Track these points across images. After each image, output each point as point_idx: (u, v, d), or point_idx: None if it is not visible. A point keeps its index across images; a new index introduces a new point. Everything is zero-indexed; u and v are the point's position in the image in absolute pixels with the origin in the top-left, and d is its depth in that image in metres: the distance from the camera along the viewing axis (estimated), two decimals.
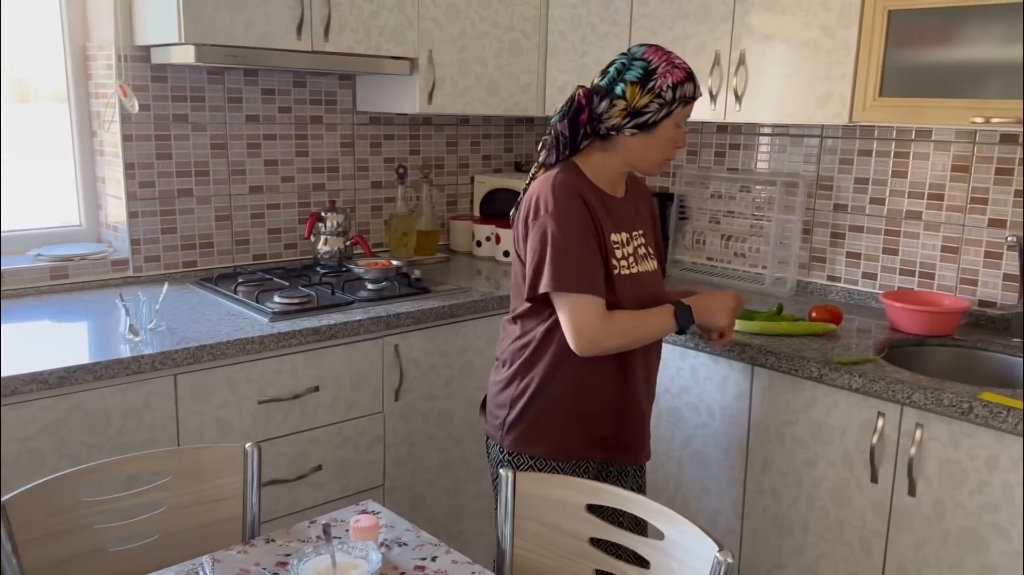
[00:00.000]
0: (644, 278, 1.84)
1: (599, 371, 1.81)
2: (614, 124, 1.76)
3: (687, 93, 1.75)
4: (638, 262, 1.84)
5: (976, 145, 2.37)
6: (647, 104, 1.73)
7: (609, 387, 1.84)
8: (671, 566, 1.42)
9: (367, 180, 3.06)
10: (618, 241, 1.80)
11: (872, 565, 2.01)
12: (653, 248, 1.92)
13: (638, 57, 1.75)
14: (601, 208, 1.78)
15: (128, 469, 1.62)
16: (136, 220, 2.59)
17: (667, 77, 1.73)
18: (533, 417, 1.83)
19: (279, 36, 2.38)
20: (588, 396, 1.82)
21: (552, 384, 1.82)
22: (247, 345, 2.09)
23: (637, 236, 1.87)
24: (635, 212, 1.89)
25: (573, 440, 1.84)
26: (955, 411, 1.81)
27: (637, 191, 1.94)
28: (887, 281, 2.59)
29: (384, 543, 1.51)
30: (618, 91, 1.74)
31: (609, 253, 1.77)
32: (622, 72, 1.74)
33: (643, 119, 1.74)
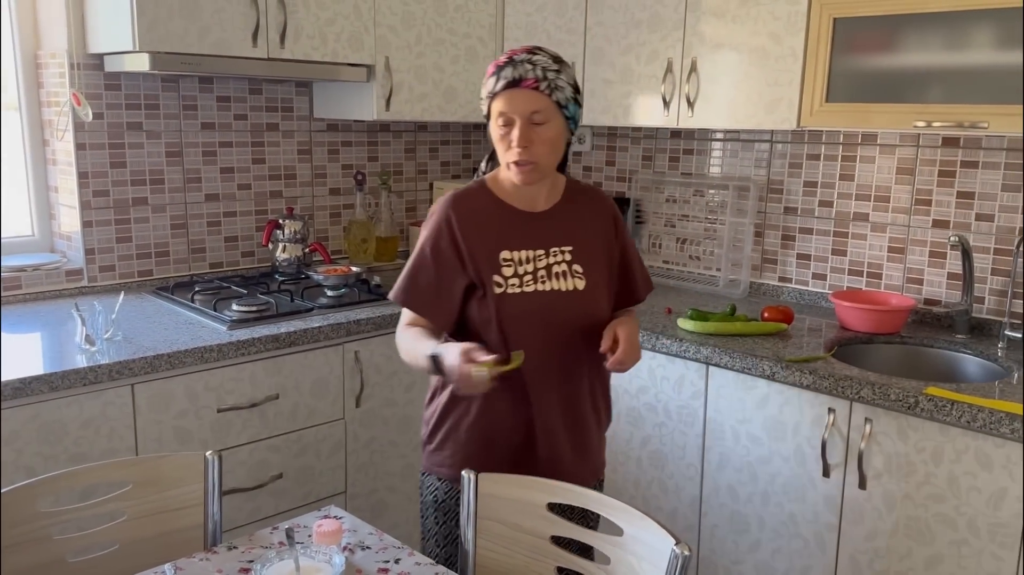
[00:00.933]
0: (549, 297, 1.66)
1: (502, 395, 1.66)
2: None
3: (490, 88, 1.63)
4: (548, 280, 1.67)
5: (919, 148, 2.46)
6: (484, 107, 1.67)
7: (512, 413, 1.69)
8: (630, 561, 1.46)
9: (325, 187, 3.06)
10: (511, 258, 1.66)
11: (826, 558, 2.06)
12: (594, 266, 1.72)
13: None
14: (495, 224, 1.68)
15: (88, 479, 1.60)
16: (90, 229, 2.56)
17: (488, 73, 1.65)
18: (442, 438, 1.75)
19: (235, 43, 2.38)
20: (491, 420, 1.70)
21: (454, 405, 1.72)
22: (205, 353, 2.08)
23: (557, 253, 1.70)
24: (564, 227, 1.72)
25: (474, 465, 1.67)
26: (902, 406, 1.87)
27: (588, 206, 1.76)
28: (836, 281, 2.66)
29: (348, 547, 1.52)
30: None
31: (491, 270, 1.65)
32: None
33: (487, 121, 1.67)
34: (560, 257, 1.71)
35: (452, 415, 1.74)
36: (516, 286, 1.66)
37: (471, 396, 1.68)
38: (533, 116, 1.60)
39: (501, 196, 1.72)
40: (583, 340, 1.69)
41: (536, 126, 1.61)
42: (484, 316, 1.66)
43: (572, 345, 1.69)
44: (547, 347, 1.67)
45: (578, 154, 3.29)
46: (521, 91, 1.60)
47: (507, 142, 1.63)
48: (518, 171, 1.64)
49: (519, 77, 1.59)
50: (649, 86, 2.62)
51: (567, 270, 1.70)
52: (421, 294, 1.70)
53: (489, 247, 1.67)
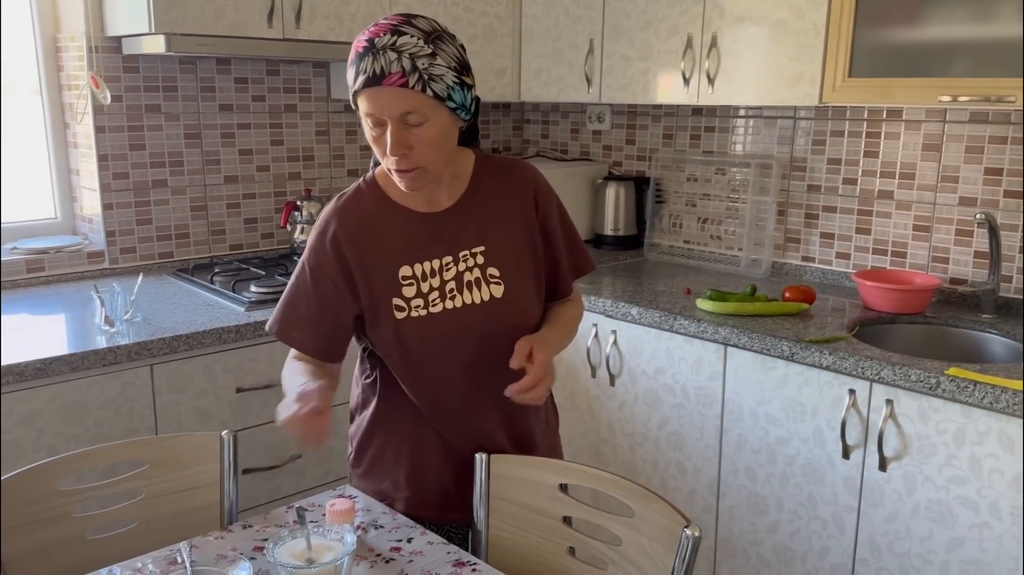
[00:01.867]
0: (461, 315, 1.43)
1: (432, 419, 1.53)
2: None
3: (350, 82, 1.33)
4: (459, 293, 1.44)
5: (946, 124, 2.40)
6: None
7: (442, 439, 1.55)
8: (641, 542, 1.45)
9: (343, 168, 3.06)
10: (412, 275, 1.43)
11: (845, 540, 2.04)
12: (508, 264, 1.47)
13: None
14: (391, 235, 1.43)
15: (105, 458, 1.63)
16: (111, 212, 2.58)
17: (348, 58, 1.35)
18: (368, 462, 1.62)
19: (250, 24, 2.37)
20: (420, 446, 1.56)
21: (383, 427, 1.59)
22: (223, 334, 2.09)
23: (467, 258, 1.45)
24: (471, 225, 1.46)
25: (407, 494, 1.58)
26: (923, 387, 1.84)
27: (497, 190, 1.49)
28: (860, 260, 2.62)
29: (360, 526, 1.53)
30: None
31: (389, 293, 1.42)
32: None
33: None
34: (471, 262, 1.45)
35: (377, 438, 1.57)
36: (421, 307, 1.42)
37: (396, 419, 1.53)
38: (406, 118, 1.30)
39: (395, 197, 1.45)
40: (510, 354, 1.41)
41: (412, 127, 1.31)
42: (385, 344, 1.45)
43: (497, 362, 1.42)
44: (469, 370, 1.46)
45: (598, 132, 3.26)
46: (386, 89, 1.27)
47: (382, 146, 1.33)
48: (401, 178, 1.36)
49: (381, 72, 1.26)
50: (668, 62, 2.58)
51: (480, 276, 1.45)
52: (300, 325, 1.45)
53: (385, 264, 1.42)
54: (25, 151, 2.63)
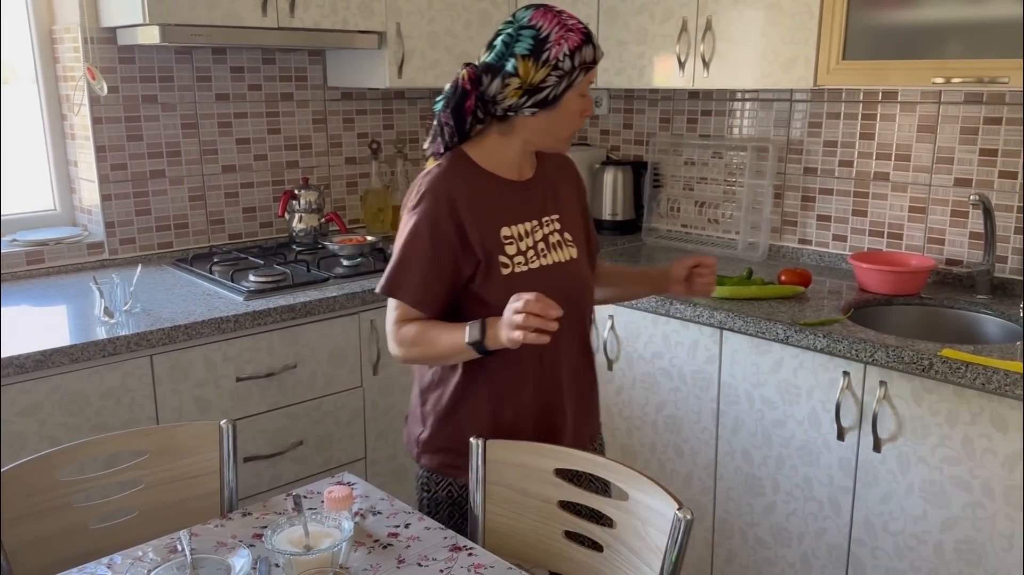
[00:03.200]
0: (554, 271, 1.61)
1: (519, 381, 1.61)
2: (511, 104, 1.52)
3: (586, 58, 1.51)
4: (546, 253, 1.61)
5: (941, 105, 2.40)
6: (544, 78, 1.49)
7: (530, 399, 1.63)
8: (635, 525, 1.47)
9: (341, 156, 3.07)
10: (512, 235, 1.58)
11: (840, 521, 2.06)
12: (575, 232, 1.68)
13: (525, 25, 1.50)
14: (492, 200, 1.58)
15: (106, 448, 1.65)
16: (110, 203, 2.59)
17: (562, 44, 1.48)
18: (449, 435, 1.65)
19: (244, 13, 2.37)
20: (507, 409, 1.63)
21: (465, 401, 1.63)
22: (222, 324, 2.11)
23: (549, 223, 1.64)
24: (548, 194, 1.66)
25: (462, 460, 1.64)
26: (916, 368, 1.85)
27: (556, 169, 1.70)
28: (857, 242, 2.62)
29: (359, 512, 1.55)
30: (509, 68, 1.49)
31: (495, 251, 1.56)
32: (510, 45, 1.50)
33: (543, 95, 1.51)
34: (553, 227, 1.64)
35: (460, 411, 1.64)
36: (522, 263, 1.58)
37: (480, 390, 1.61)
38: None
39: (486, 167, 1.59)
40: (584, 308, 1.68)
41: None
42: (489, 300, 1.54)
43: (576, 315, 1.64)
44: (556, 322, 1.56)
45: (595, 117, 3.25)
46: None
47: (581, 113, 1.56)
48: (571, 141, 1.63)
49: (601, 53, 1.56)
50: (664, 46, 2.58)
51: (560, 239, 1.64)
52: (417, 286, 1.54)
53: (490, 225, 1.56)
54: (24, 143, 2.64)
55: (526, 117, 1.54)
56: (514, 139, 1.59)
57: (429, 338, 1.54)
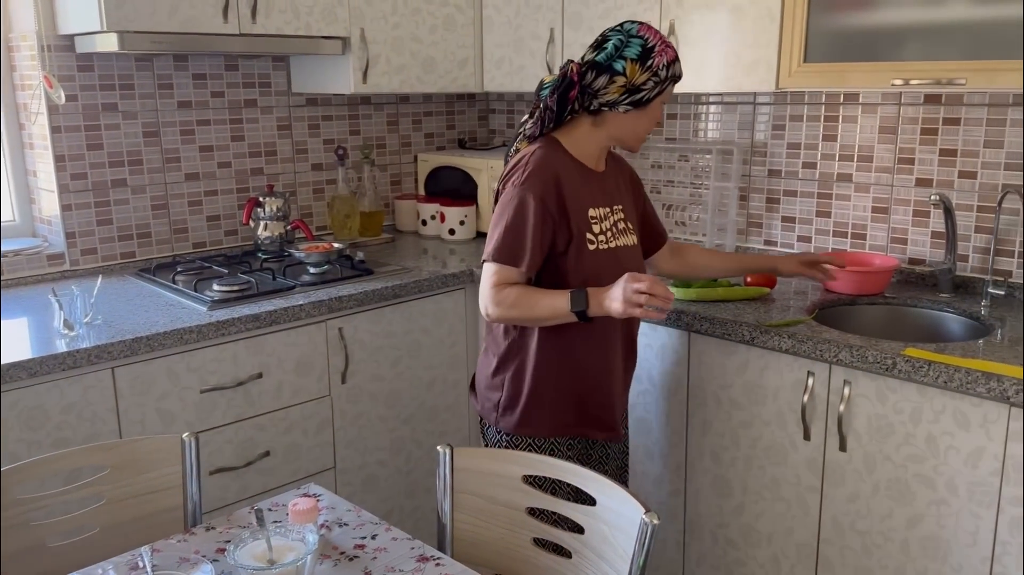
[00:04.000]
0: (623, 252, 1.87)
1: (585, 348, 1.85)
2: (610, 100, 1.77)
3: (677, 72, 1.81)
4: (617, 236, 1.87)
5: (901, 106, 2.43)
6: (645, 81, 1.76)
7: (594, 364, 1.88)
8: (603, 531, 1.47)
9: (307, 163, 3.04)
10: (596, 216, 1.83)
11: (809, 520, 2.08)
12: (634, 222, 1.96)
13: (635, 35, 1.76)
14: (581, 184, 1.82)
15: (66, 464, 1.62)
16: (70, 213, 2.55)
17: (663, 56, 1.77)
18: (528, 398, 1.86)
19: (205, 20, 2.35)
20: (576, 374, 1.87)
21: (543, 364, 1.85)
22: (185, 335, 2.08)
23: (617, 211, 1.89)
24: (616, 186, 1.93)
25: (568, 418, 1.90)
26: (880, 367, 1.87)
27: (618, 166, 1.99)
28: (821, 243, 2.64)
29: (324, 524, 1.53)
30: (619, 67, 1.75)
31: (584, 228, 1.80)
32: (620, 48, 1.75)
33: (639, 96, 1.77)
34: (620, 214, 1.91)
35: (537, 375, 1.85)
36: (604, 242, 1.83)
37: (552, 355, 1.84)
38: None
39: (575, 154, 1.85)
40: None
41: None
42: (573, 271, 1.79)
43: None
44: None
45: None
46: None
47: (658, 119, 1.87)
48: (642, 142, 1.89)
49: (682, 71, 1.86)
50: None
51: (625, 227, 1.91)
52: (526, 252, 1.75)
53: (582, 205, 1.81)
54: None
55: (618, 113, 1.80)
56: (602, 132, 1.84)
57: (530, 302, 1.75)
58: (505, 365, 1.89)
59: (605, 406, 1.93)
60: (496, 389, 1.91)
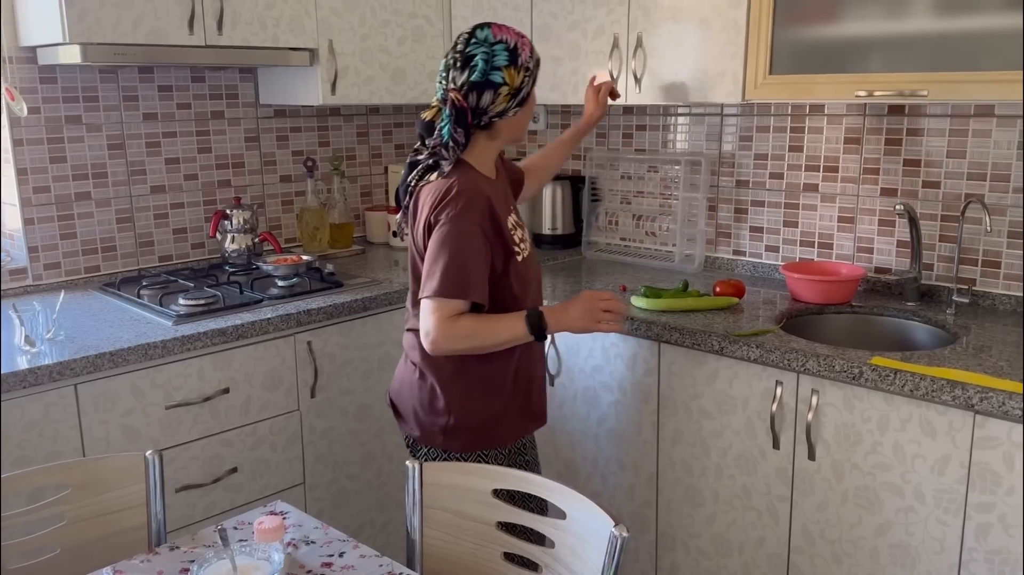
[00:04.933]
0: (533, 255, 1.93)
1: (526, 350, 1.90)
2: (500, 110, 1.78)
3: (538, 56, 1.85)
4: (525, 238, 1.91)
5: (866, 117, 2.46)
6: (523, 80, 1.79)
7: (537, 360, 1.96)
8: (573, 544, 1.46)
9: (275, 174, 3.02)
10: (512, 225, 1.85)
11: (779, 529, 2.08)
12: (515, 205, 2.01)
13: (494, 42, 1.75)
14: (496, 200, 1.81)
15: (26, 484, 1.58)
16: (32, 227, 2.51)
17: (525, 49, 1.79)
18: (482, 418, 1.87)
19: (170, 31, 2.32)
20: (525, 377, 1.92)
21: (493, 380, 1.86)
22: (150, 350, 2.05)
23: (514, 209, 1.94)
24: (505, 185, 1.98)
25: (517, 422, 1.94)
26: (847, 376, 1.88)
27: (505, 168, 2.04)
28: (789, 253, 2.67)
29: (291, 543, 1.51)
30: (497, 79, 1.74)
31: (511, 243, 1.81)
32: (489, 60, 1.74)
33: (522, 95, 1.80)
34: (517, 217, 1.92)
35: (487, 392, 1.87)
36: (524, 249, 1.88)
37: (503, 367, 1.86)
38: None
39: (481, 171, 1.85)
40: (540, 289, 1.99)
41: None
42: (507, 286, 1.81)
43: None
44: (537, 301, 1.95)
45: (533, 132, 3.26)
46: None
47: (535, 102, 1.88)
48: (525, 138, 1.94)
49: None
50: (597, 63, 2.60)
51: (519, 220, 1.93)
52: (480, 283, 1.75)
53: (504, 220, 1.81)
54: None
55: (509, 119, 1.81)
56: (497, 141, 1.86)
57: (485, 331, 1.75)
58: (449, 389, 1.85)
59: (542, 396, 2.00)
60: (441, 414, 1.86)
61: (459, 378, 1.85)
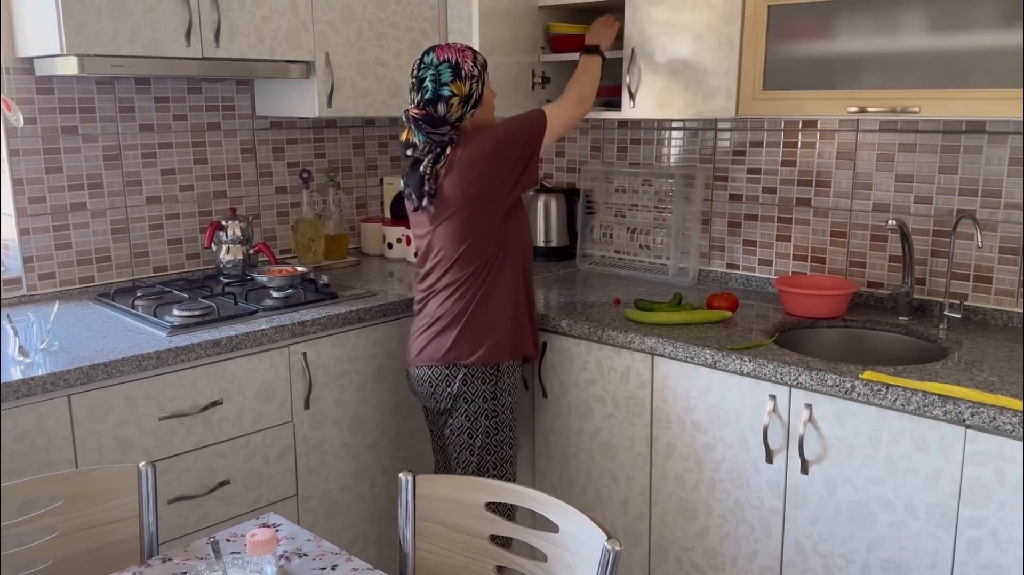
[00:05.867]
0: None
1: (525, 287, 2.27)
2: (459, 115, 2.15)
3: (481, 62, 2.17)
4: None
5: (858, 133, 2.48)
6: (471, 87, 2.14)
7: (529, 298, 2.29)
8: (566, 558, 1.46)
9: (271, 186, 3.03)
10: None
11: (772, 543, 2.09)
12: None
13: (439, 63, 2.12)
14: None
15: (18, 495, 1.58)
16: (28, 237, 2.51)
17: (467, 60, 2.14)
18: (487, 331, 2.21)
19: (167, 43, 2.33)
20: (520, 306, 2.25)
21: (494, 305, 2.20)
22: (143, 361, 2.05)
23: None
24: None
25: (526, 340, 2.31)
26: (839, 391, 1.89)
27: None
28: (782, 267, 2.68)
29: (284, 555, 1.51)
30: (446, 93, 2.11)
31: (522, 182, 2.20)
32: (437, 79, 2.12)
33: (474, 98, 2.15)
34: None
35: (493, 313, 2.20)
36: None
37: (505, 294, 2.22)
38: None
39: None
40: None
41: None
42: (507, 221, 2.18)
43: None
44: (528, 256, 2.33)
45: None
46: None
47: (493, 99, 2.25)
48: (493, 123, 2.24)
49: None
50: None
51: None
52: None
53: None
54: None
55: (473, 118, 2.16)
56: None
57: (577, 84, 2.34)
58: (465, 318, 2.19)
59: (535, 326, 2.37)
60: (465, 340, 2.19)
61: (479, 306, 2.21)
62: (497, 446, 2.27)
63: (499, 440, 2.27)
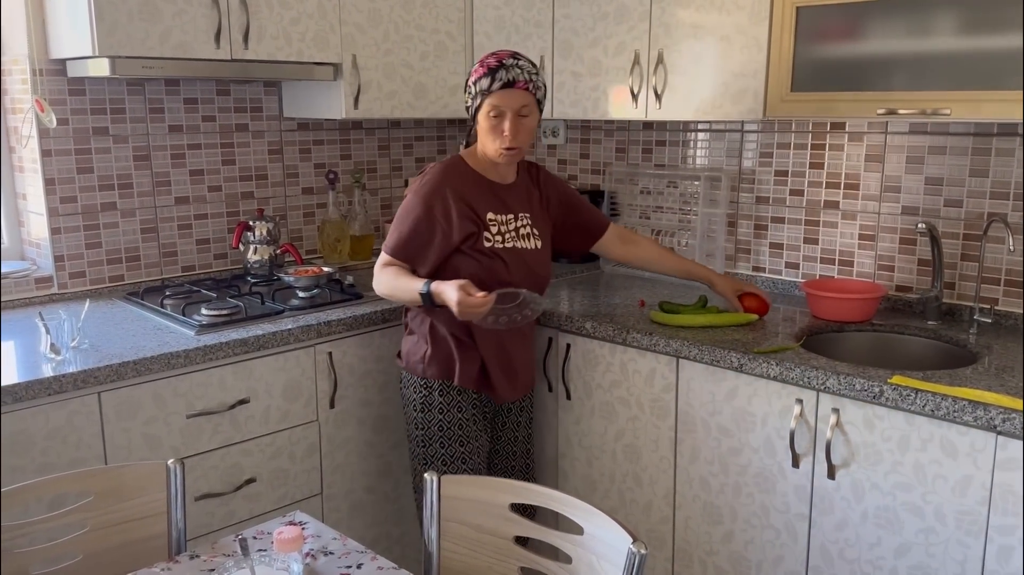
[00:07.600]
0: (524, 254, 2.17)
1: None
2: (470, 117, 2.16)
3: (483, 87, 2.05)
4: (519, 240, 2.17)
5: (887, 135, 2.45)
6: (469, 100, 2.11)
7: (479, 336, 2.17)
8: (591, 560, 1.46)
9: (297, 187, 3.05)
10: (495, 219, 2.14)
11: (797, 548, 2.07)
12: (542, 230, 2.24)
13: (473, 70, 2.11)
14: (476, 191, 2.13)
15: (49, 491, 1.60)
16: (59, 236, 2.55)
17: (473, 76, 2.09)
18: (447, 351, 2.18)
19: (197, 45, 2.36)
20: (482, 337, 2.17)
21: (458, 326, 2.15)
22: (172, 359, 2.07)
23: (523, 218, 2.20)
24: (524, 198, 2.22)
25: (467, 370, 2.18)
26: (867, 395, 1.87)
27: (535, 182, 2.29)
28: (809, 270, 2.66)
29: (310, 554, 1.52)
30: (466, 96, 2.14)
31: (482, 227, 2.11)
32: (466, 81, 2.13)
33: (471, 111, 2.12)
34: (524, 221, 2.20)
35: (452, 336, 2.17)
36: (499, 242, 2.13)
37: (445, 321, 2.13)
38: (521, 110, 2.06)
39: (479, 170, 2.16)
40: (542, 285, 2.24)
41: (522, 118, 2.07)
42: (467, 264, 2.09)
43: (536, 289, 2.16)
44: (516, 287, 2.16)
45: (552, 147, 3.28)
46: (514, 91, 2.04)
47: (499, 131, 2.06)
48: (506, 155, 2.08)
49: (513, 79, 2.03)
50: (617, 79, 2.61)
51: (530, 232, 2.20)
52: (398, 244, 2.12)
53: (479, 209, 2.11)
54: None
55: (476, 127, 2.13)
56: (477, 146, 2.17)
57: (396, 283, 2.11)
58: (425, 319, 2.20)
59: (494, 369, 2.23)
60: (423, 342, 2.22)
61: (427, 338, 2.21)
62: (427, 460, 2.21)
63: (430, 454, 2.20)
